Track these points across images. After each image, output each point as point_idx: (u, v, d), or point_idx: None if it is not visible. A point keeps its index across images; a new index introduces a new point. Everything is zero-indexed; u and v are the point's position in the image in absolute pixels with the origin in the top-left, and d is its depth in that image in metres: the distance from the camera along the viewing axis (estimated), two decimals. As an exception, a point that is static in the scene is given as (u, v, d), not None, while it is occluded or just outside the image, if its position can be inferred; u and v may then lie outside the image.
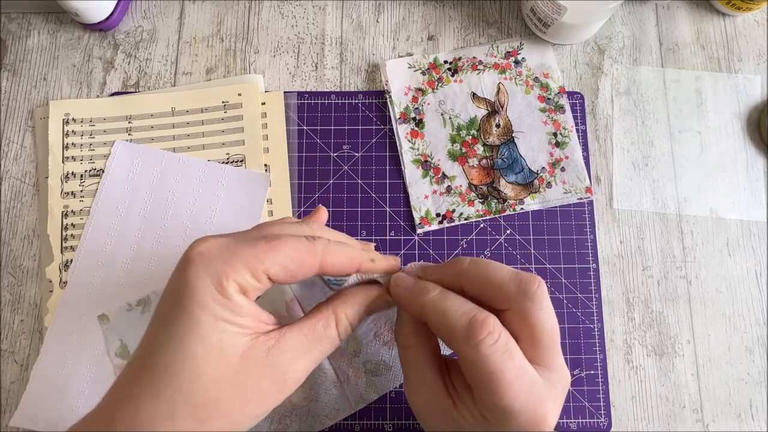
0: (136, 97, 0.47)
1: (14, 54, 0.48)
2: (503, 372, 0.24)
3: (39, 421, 0.40)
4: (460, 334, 0.25)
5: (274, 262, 0.25)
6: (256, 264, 0.24)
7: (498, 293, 0.26)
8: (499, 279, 0.26)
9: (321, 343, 0.26)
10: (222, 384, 0.24)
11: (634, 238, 0.45)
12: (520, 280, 0.26)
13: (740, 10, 0.49)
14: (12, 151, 0.46)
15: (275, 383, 0.25)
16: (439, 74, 0.48)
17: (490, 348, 0.24)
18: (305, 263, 0.26)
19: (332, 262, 0.26)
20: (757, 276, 0.44)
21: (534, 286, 0.26)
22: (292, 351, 0.25)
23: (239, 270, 0.24)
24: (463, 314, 0.25)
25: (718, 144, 0.47)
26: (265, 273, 0.25)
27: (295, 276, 0.26)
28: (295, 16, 0.50)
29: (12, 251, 0.44)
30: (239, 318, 0.24)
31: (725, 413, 0.42)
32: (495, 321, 0.25)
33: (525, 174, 0.45)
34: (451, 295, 0.27)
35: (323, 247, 0.26)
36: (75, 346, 0.41)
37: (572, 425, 0.41)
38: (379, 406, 0.41)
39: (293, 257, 0.25)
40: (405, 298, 0.28)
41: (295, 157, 0.46)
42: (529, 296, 0.26)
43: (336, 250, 0.27)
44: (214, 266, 0.24)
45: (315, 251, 0.26)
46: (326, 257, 0.26)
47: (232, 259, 0.24)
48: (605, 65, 0.49)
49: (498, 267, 0.27)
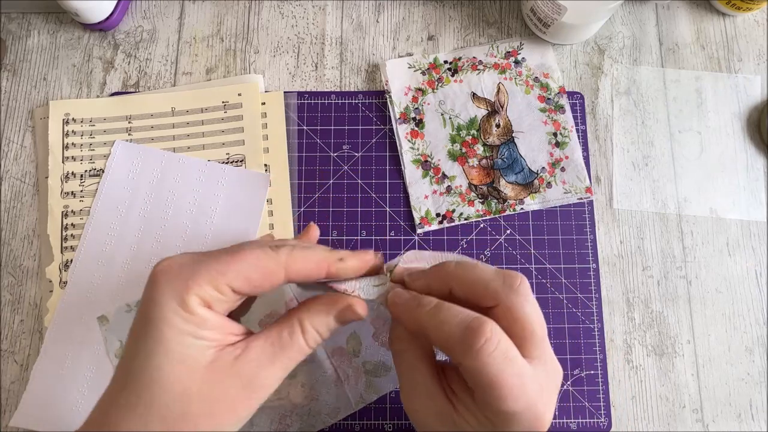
0: (136, 97, 0.47)
1: (14, 54, 0.48)
2: (504, 378, 0.24)
3: (39, 421, 0.40)
4: (458, 344, 0.25)
5: (238, 273, 0.25)
6: (218, 277, 0.25)
7: (485, 291, 0.27)
8: (485, 277, 0.27)
9: (287, 350, 0.26)
10: (188, 397, 0.24)
11: (634, 238, 0.45)
12: (504, 275, 0.27)
13: (740, 10, 0.49)
14: (12, 151, 0.46)
15: (243, 391, 0.25)
16: (439, 74, 0.48)
17: (490, 356, 0.24)
18: (269, 272, 0.26)
19: (297, 268, 0.26)
20: (757, 276, 0.44)
21: (517, 281, 0.26)
22: (258, 359, 0.26)
23: (200, 284, 0.25)
24: (459, 323, 0.25)
25: (718, 144, 0.47)
26: (227, 285, 0.25)
27: (261, 286, 0.26)
28: (295, 16, 0.50)
29: (12, 251, 0.44)
30: (204, 331, 0.25)
31: (725, 413, 0.42)
32: (493, 326, 0.25)
33: (525, 174, 0.45)
34: (446, 306, 0.26)
35: (287, 254, 0.26)
36: (75, 346, 0.41)
37: (572, 425, 0.41)
38: (379, 406, 0.41)
39: (256, 266, 0.26)
40: (402, 314, 0.28)
41: (295, 157, 0.46)
42: (514, 290, 0.26)
43: (301, 255, 0.26)
44: (175, 282, 0.25)
45: (278, 259, 0.26)
46: (291, 264, 0.26)
47: (194, 274, 0.25)
48: (605, 65, 0.49)
49: (483, 266, 0.27)
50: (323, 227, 0.44)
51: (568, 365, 0.42)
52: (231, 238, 0.44)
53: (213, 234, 0.44)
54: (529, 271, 0.44)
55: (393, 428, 0.41)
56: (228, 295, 0.25)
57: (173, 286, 0.25)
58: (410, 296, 0.28)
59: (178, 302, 0.24)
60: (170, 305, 0.24)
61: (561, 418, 0.41)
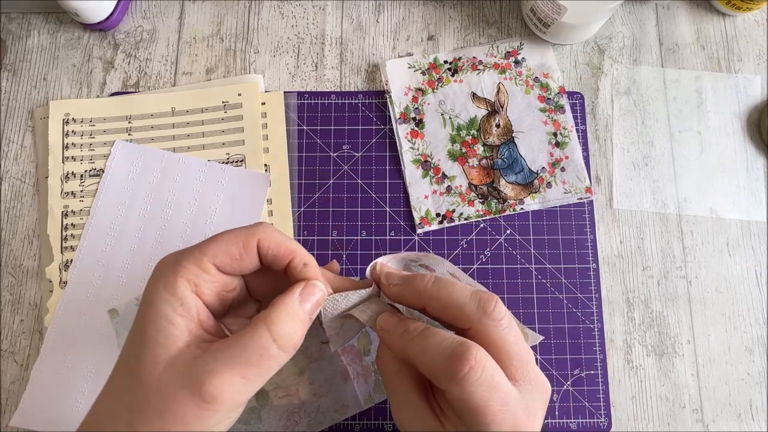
0: (136, 97, 0.47)
1: (14, 54, 0.48)
2: (490, 405, 0.24)
3: (39, 421, 0.40)
4: (443, 372, 0.25)
5: (217, 250, 0.26)
6: (200, 257, 0.26)
7: (458, 314, 0.27)
8: (459, 301, 0.27)
9: (246, 355, 0.24)
10: (150, 387, 0.23)
11: (634, 238, 0.45)
12: (479, 300, 0.26)
13: (740, 10, 0.49)
14: (12, 151, 0.46)
15: (192, 397, 0.23)
16: (439, 74, 0.48)
17: (474, 384, 0.24)
18: (245, 244, 0.26)
19: (267, 244, 0.27)
20: (757, 276, 0.44)
21: (491, 305, 0.26)
22: (212, 364, 0.23)
23: (185, 266, 0.25)
24: (443, 350, 0.25)
25: (718, 144, 0.47)
26: (210, 263, 0.26)
27: (242, 260, 0.26)
28: (295, 16, 0.50)
29: (12, 251, 0.44)
30: (178, 316, 0.24)
31: (725, 413, 0.42)
32: (477, 351, 0.24)
33: (525, 174, 0.45)
34: (431, 332, 0.26)
35: (263, 229, 0.27)
36: (75, 346, 0.41)
37: (572, 425, 0.41)
38: (379, 406, 0.41)
39: (234, 241, 0.26)
40: (389, 341, 0.28)
41: (295, 157, 0.46)
42: (487, 315, 0.26)
43: (274, 236, 0.27)
44: (165, 270, 0.26)
45: (254, 232, 0.27)
46: (264, 239, 0.27)
47: (181, 259, 0.26)
48: (605, 65, 0.49)
49: (459, 288, 0.27)
50: (323, 227, 0.44)
51: (568, 365, 0.42)
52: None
53: (213, 234, 0.43)
54: (529, 271, 0.44)
55: (393, 428, 0.41)
56: (213, 273, 0.26)
57: (164, 274, 0.25)
58: (397, 321, 0.28)
59: (165, 287, 0.25)
60: (159, 291, 0.25)
61: (561, 418, 0.41)
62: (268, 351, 0.24)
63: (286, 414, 0.39)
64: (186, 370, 0.23)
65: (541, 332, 0.43)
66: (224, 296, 0.27)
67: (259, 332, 0.24)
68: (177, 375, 0.23)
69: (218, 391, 0.23)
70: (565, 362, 0.42)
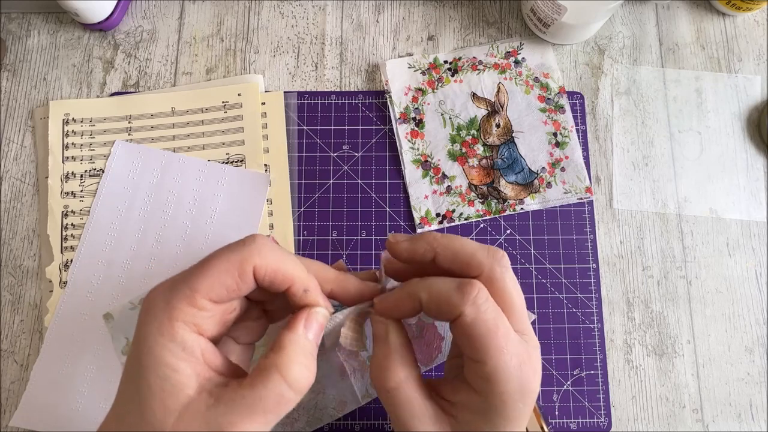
0: (136, 97, 0.47)
1: (14, 54, 0.48)
2: (499, 328, 0.25)
3: (39, 421, 0.40)
4: (456, 296, 0.25)
5: (211, 283, 0.24)
6: (192, 295, 0.24)
7: (470, 259, 0.27)
8: (470, 248, 0.27)
9: (263, 403, 0.23)
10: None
11: (634, 238, 0.45)
12: (489, 248, 0.27)
13: (740, 10, 0.49)
14: (12, 151, 0.46)
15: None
16: (439, 74, 0.48)
17: (485, 304, 0.25)
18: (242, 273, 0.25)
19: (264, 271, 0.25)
20: (757, 276, 0.44)
21: (500, 254, 0.27)
22: (231, 414, 0.23)
23: (179, 307, 0.24)
24: (453, 281, 0.26)
25: (718, 144, 0.47)
26: (205, 299, 0.24)
27: (238, 290, 0.25)
28: (295, 16, 0.50)
29: (12, 251, 0.44)
30: (181, 361, 0.23)
31: (725, 413, 0.42)
32: (482, 286, 0.26)
33: (525, 174, 0.45)
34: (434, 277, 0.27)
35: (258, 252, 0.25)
36: (75, 346, 0.41)
37: (572, 425, 0.41)
38: (379, 406, 0.41)
39: (228, 270, 0.24)
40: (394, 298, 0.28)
41: (295, 157, 0.46)
42: (498, 262, 0.27)
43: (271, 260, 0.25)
44: (157, 313, 0.24)
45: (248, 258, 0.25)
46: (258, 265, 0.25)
47: (171, 299, 0.24)
48: (605, 65, 0.49)
49: (467, 240, 0.28)
50: (323, 227, 0.44)
51: (568, 365, 0.42)
52: (231, 238, 0.43)
53: (213, 234, 0.44)
54: (529, 271, 0.44)
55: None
56: (209, 308, 0.24)
57: (157, 317, 0.24)
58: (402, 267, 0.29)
59: (161, 331, 0.23)
60: (155, 337, 0.24)
61: (561, 418, 0.41)
62: (285, 397, 0.24)
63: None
64: (203, 421, 0.23)
65: (541, 332, 0.43)
66: (226, 320, 0.26)
67: (273, 381, 0.24)
68: (192, 426, 0.23)
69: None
70: (565, 362, 0.42)
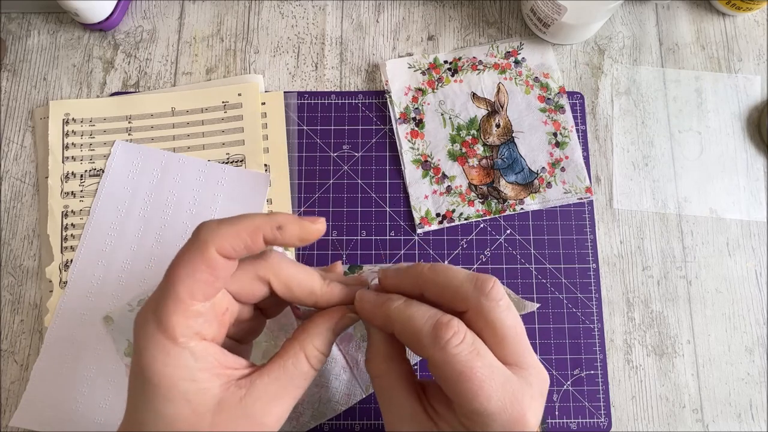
0: (136, 97, 0.47)
1: (14, 54, 0.48)
2: (473, 370, 0.24)
3: (39, 421, 0.40)
4: (427, 338, 0.25)
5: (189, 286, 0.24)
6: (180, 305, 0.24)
7: (456, 294, 0.26)
8: (456, 281, 0.26)
9: (294, 381, 0.26)
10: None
11: (634, 238, 0.45)
12: (476, 279, 0.26)
13: (740, 10, 0.49)
14: (12, 151, 0.46)
15: (254, 429, 0.25)
16: (439, 74, 0.48)
17: (457, 348, 0.24)
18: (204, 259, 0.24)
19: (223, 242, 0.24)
20: (757, 276, 0.44)
21: (489, 285, 0.26)
22: (265, 397, 0.25)
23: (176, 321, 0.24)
24: (428, 318, 0.25)
25: (718, 144, 0.47)
26: (194, 301, 0.24)
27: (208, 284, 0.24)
28: (295, 16, 0.50)
29: (12, 251, 0.44)
30: (198, 371, 0.24)
31: (725, 413, 0.42)
32: (459, 322, 0.25)
33: (525, 174, 0.45)
34: (415, 303, 0.27)
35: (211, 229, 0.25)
36: (75, 346, 0.41)
37: (572, 425, 0.41)
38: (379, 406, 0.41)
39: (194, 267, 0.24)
40: (370, 311, 0.28)
41: (295, 157, 0.46)
42: (485, 295, 0.26)
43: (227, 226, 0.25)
44: (153, 325, 0.24)
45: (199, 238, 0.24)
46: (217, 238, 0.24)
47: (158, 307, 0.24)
48: (605, 65, 0.49)
49: (456, 270, 0.27)
50: (323, 227, 0.44)
51: (568, 365, 0.42)
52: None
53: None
54: (529, 271, 0.44)
55: (393, 428, 0.41)
56: (203, 311, 0.24)
57: (157, 341, 0.24)
58: (377, 294, 0.28)
59: (166, 352, 0.23)
60: (157, 348, 0.24)
61: (561, 418, 0.41)
62: (309, 375, 0.27)
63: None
64: (241, 413, 0.24)
65: (541, 332, 0.43)
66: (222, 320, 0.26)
67: (300, 360, 0.26)
68: (231, 419, 0.24)
69: (276, 418, 0.25)
70: (565, 362, 0.42)
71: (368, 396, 0.40)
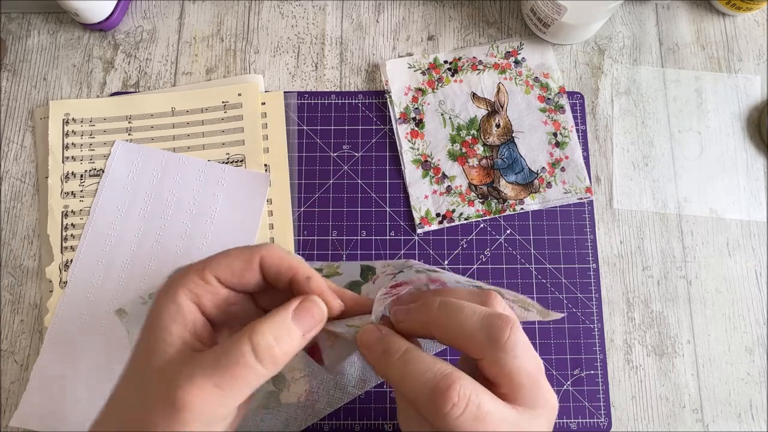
0: (136, 97, 0.47)
1: (14, 54, 0.48)
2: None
3: (39, 421, 0.40)
4: (425, 405, 0.23)
5: (219, 264, 0.27)
6: (203, 270, 0.26)
7: (468, 345, 0.25)
8: (468, 330, 0.25)
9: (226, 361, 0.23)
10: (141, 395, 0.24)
11: (634, 238, 0.45)
12: (491, 327, 0.24)
13: (740, 10, 0.49)
14: (12, 151, 0.46)
15: (165, 406, 0.22)
16: (439, 74, 0.48)
17: (458, 420, 0.22)
18: (246, 260, 0.27)
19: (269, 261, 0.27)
20: (757, 276, 0.44)
21: (504, 335, 0.24)
22: (192, 369, 0.23)
23: (188, 278, 0.26)
24: (426, 382, 0.23)
25: (718, 144, 0.47)
26: (212, 275, 0.26)
27: (242, 276, 0.27)
28: (295, 16, 0.50)
29: (12, 251, 0.44)
30: (173, 323, 0.25)
31: (725, 413, 0.42)
32: (462, 385, 0.23)
33: (525, 174, 0.45)
34: (414, 358, 0.25)
35: (266, 247, 0.28)
36: (75, 346, 0.41)
37: (572, 425, 0.41)
38: (379, 406, 0.41)
39: (238, 256, 0.27)
40: (368, 359, 0.26)
41: (295, 157, 0.46)
42: (500, 347, 0.24)
43: (277, 252, 0.27)
44: (172, 282, 0.27)
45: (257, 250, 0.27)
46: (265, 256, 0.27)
47: (186, 272, 0.27)
48: (605, 65, 0.49)
49: (468, 312, 0.25)
50: (323, 227, 0.44)
51: (568, 365, 0.42)
52: (231, 238, 0.44)
53: (213, 234, 0.44)
54: (529, 271, 0.44)
55: (393, 428, 0.41)
56: (214, 284, 0.26)
57: (170, 285, 0.26)
58: (378, 338, 0.26)
59: (167, 294, 0.26)
60: (162, 300, 0.26)
61: (561, 418, 0.41)
62: (245, 359, 0.23)
63: (305, 392, 0.38)
64: (168, 378, 0.23)
65: (541, 332, 0.43)
66: (226, 309, 0.27)
67: (239, 341, 0.23)
68: (161, 384, 0.23)
69: (190, 397, 0.22)
70: (565, 362, 0.42)
71: (368, 396, 0.40)
